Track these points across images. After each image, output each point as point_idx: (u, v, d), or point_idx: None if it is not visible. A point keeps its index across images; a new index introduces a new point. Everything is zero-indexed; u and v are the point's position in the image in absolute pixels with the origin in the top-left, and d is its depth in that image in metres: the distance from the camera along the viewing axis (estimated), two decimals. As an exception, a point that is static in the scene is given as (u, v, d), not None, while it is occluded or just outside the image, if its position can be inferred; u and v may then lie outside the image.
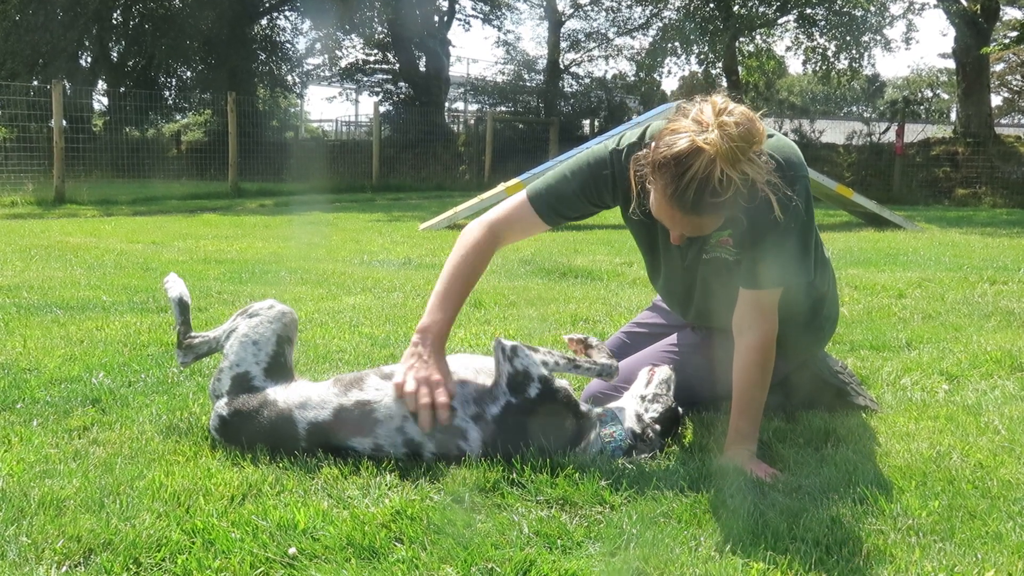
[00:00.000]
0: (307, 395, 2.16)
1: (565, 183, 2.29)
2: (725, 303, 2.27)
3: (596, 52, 28.00)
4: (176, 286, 2.47)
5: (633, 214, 2.20)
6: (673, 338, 2.59)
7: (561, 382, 2.19)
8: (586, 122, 25.65)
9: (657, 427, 2.20)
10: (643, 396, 2.28)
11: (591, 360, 2.30)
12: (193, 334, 2.43)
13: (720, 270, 2.27)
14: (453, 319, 2.27)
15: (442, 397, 2.08)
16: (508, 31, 62.69)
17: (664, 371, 2.34)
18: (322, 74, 28.52)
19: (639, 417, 2.21)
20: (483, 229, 2.32)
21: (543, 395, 2.13)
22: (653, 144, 1.99)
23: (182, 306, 2.45)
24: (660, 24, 24.00)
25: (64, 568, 1.59)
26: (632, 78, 26.39)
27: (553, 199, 2.29)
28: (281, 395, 2.18)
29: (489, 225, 2.32)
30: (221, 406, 2.20)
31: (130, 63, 24.48)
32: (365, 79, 28.31)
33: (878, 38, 21.94)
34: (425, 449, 2.09)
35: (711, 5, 21.76)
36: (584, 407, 2.20)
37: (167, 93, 24.92)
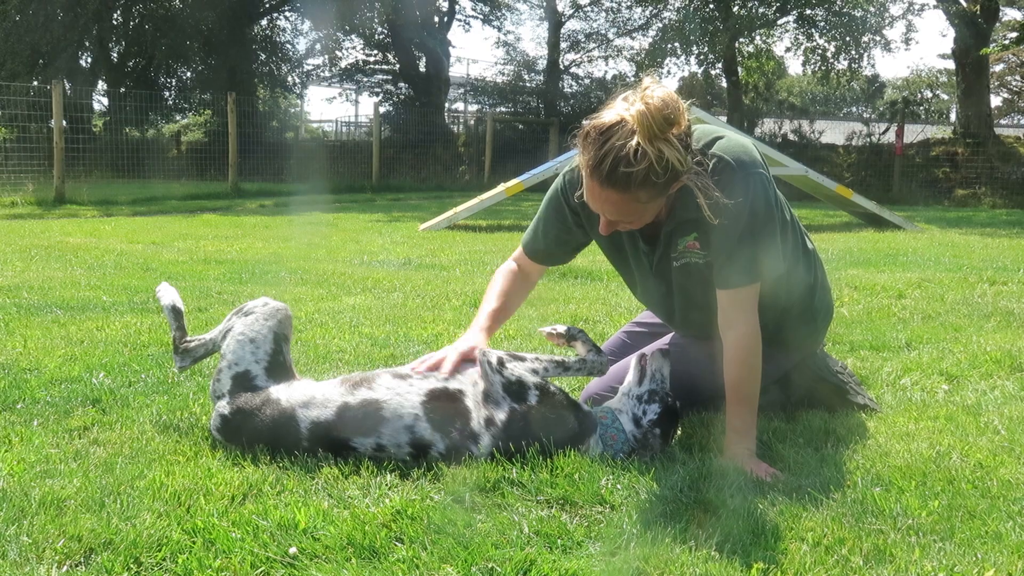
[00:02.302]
0: (311, 394, 2.16)
1: (541, 224, 2.51)
2: (709, 308, 2.27)
3: (596, 53, 28.02)
4: (168, 294, 2.51)
5: (577, 197, 2.25)
6: (671, 335, 2.59)
7: (556, 385, 2.20)
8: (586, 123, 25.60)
9: (657, 431, 2.18)
10: (639, 397, 2.24)
11: (579, 359, 2.29)
12: (189, 338, 2.45)
13: (695, 275, 2.29)
14: (497, 317, 2.47)
15: (473, 353, 2.25)
16: (508, 32, 62.67)
17: (656, 360, 2.28)
18: (322, 74, 28.52)
19: (637, 421, 2.19)
20: (510, 260, 2.60)
21: (543, 400, 2.14)
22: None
23: (176, 312, 2.48)
24: (660, 25, 24.00)
25: (65, 568, 1.59)
26: (632, 79, 26.35)
27: (538, 243, 2.51)
28: (284, 394, 2.18)
29: (514, 259, 2.60)
30: (223, 405, 2.20)
31: (130, 63, 24.47)
32: (365, 79, 28.31)
33: (878, 39, 21.92)
34: (434, 449, 2.08)
35: (711, 6, 21.74)
36: (584, 408, 2.20)
37: (167, 93, 24.92)
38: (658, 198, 2.09)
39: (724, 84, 22.28)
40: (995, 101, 32.06)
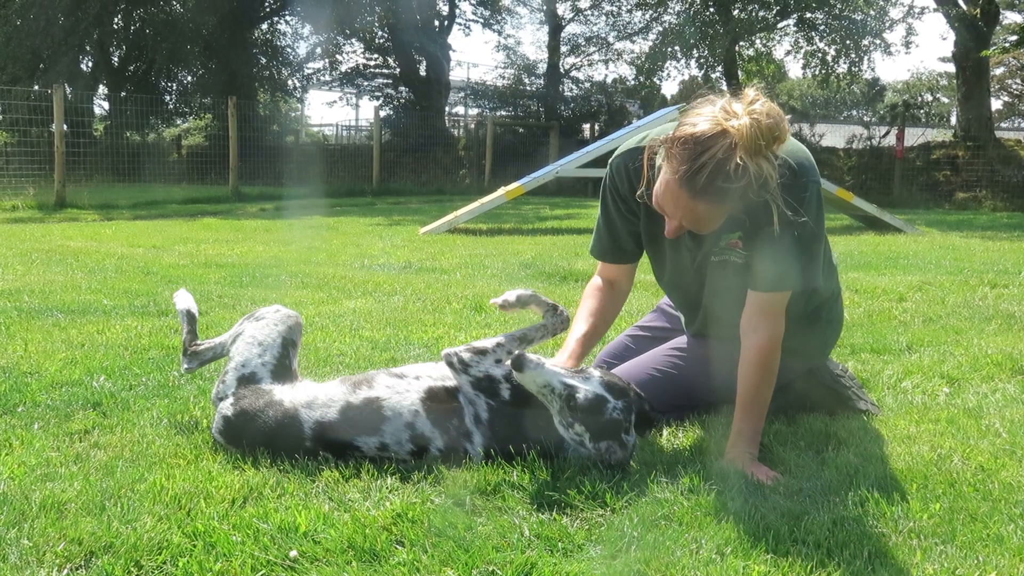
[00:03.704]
0: (313, 394, 2.17)
1: (603, 222, 2.46)
2: (733, 307, 2.26)
3: (596, 56, 28.00)
4: (184, 299, 2.61)
5: (640, 198, 2.21)
6: (676, 341, 2.59)
7: None
8: (586, 126, 25.61)
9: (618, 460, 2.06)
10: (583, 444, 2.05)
11: (540, 326, 2.26)
12: (199, 342, 2.49)
13: (728, 273, 2.27)
14: (587, 341, 2.41)
15: None
16: (508, 35, 62.58)
17: (559, 383, 2.05)
18: (322, 78, 28.54)
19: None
20: (594, 276, 2.57)
21: (516, 392, 2.13)
22: (678, 123, 2.00)
23: (190, 317, 2.56)
24: (660, 28, 24.03)
25: (65, 571, 1.59)
26: (632, 82, 26.36)
27: (603, 242, 2.49)
28: (287, 395, 2.19)
29: (597, 273, 2.57)
30: (225, 407, 2.21)
31: (131, 68, 24.50)
32: (365, 83, 28.31)
33: (878, 42, 21.92)
34: (432, 446, 2.10)
35: (711, 9, 21.77)
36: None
37: (168, 97, 24.91)
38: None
39: (724, 87, 22.28)
40: (996, 104, 32.02)
